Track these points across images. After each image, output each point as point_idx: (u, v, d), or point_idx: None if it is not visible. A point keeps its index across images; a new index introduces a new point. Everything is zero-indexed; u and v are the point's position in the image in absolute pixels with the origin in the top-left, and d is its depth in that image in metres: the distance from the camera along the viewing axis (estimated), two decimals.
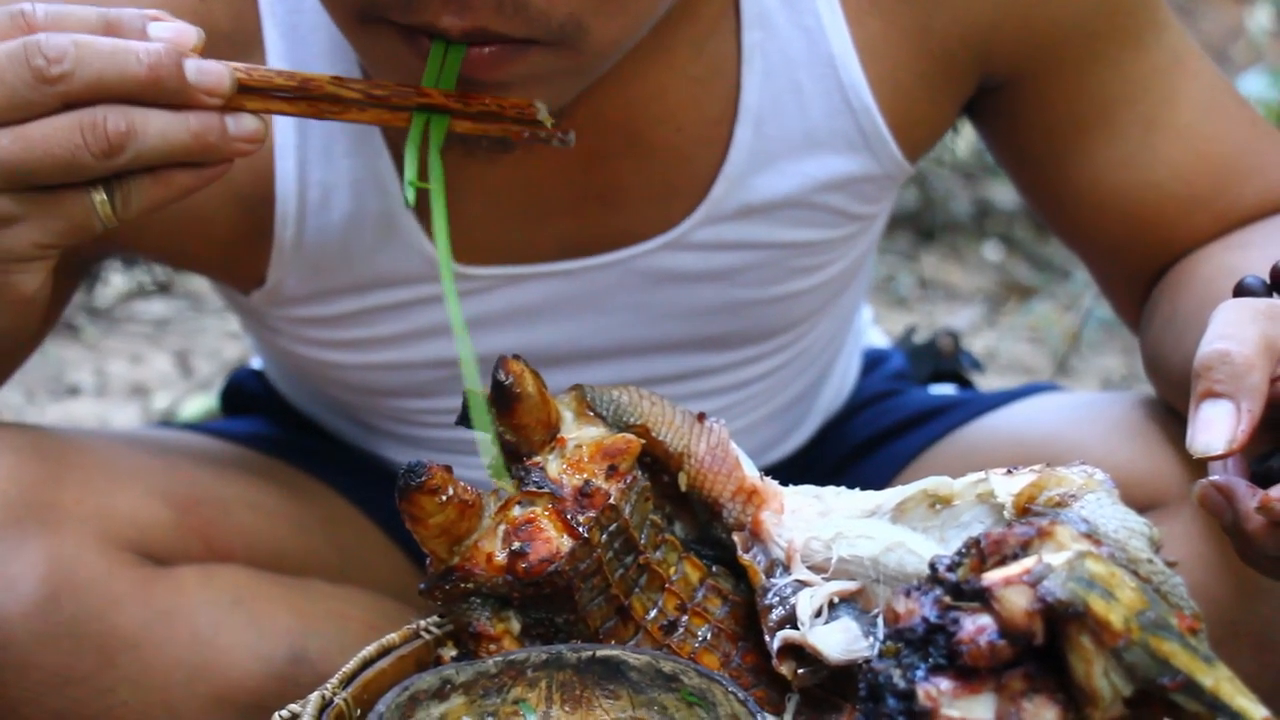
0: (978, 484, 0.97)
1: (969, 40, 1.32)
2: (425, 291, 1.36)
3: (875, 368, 1.73)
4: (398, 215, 1.30)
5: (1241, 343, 0.98)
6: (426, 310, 1.37)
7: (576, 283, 1.37)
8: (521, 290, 1.37)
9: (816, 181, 1.35)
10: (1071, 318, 3.33)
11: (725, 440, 1.05)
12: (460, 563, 0.98)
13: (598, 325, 1.40)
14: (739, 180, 1.33)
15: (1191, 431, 0.98)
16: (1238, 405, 0.97)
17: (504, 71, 1.08)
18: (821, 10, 1.30)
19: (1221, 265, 1.29)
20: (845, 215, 1.39)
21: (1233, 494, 1.00)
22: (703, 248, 1.36)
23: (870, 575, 0.99)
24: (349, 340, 1.40)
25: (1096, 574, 0.79)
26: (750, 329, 1.46)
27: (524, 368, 1.01)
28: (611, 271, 1.36)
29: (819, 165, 1.34)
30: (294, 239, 1.31)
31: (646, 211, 1.35)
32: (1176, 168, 1.36)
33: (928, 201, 3.87)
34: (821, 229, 1.39)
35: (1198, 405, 0.99)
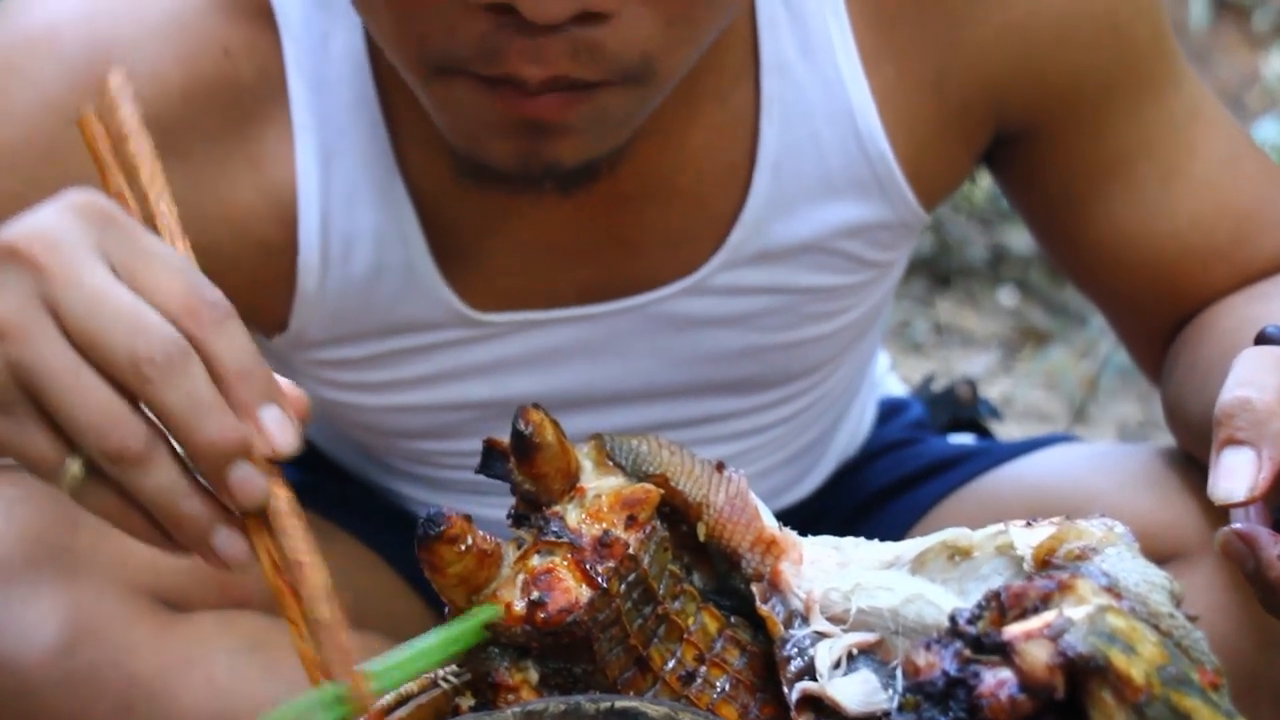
0: (997, 536, 0.97)
1: (985, 90, 1.33)
2: (448, 336, 1.36)
3: (894, 416, 1.73)
4: (419, 266, 1.31)
5: (1263, 390, 0.99)
6: (449, 353, 1.37)
7: (596, 328, 1.37)
8: (541, 335, 1.37)
9: (834, 228, 1.35)
10: (1088, 364, 3.33)
11: (744, 490, 1.05)
12: None
13: (616, 369, 1.40)
14: (757, 226, 1.34)
15: (1213, 479, 0.98)
16: (1259, 452, 0.97)
17: (574, 113, 1.09)
18: (840, 59, 1.31)
19: (1243, 316, 1.29)
20: (862, 262, 1.39)
21: (1255, 542, 1.00)
22: (721, 293, 1.37)
23: (889, 627, 0.99)
24: (370, 383, 1.41)
25: (1118, 628, 0.79)
26: (768, 374, 1.46)
27: (544, 417, 1.01)
28: (631, 316, 1.36)
29: (836, 212, 1.35)
30: (316, 288, 1.31)
31: (666, 257, 1.35)
32: (1195, 219, 1.36)
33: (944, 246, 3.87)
34: (839, 274, 1.39)
35: (1219, 452, 0.99)
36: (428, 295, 1.32)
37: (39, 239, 0.85)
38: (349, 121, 1.27)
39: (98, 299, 0.84)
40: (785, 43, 1.31)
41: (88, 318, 0.84)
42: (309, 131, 1.28)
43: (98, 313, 0.84)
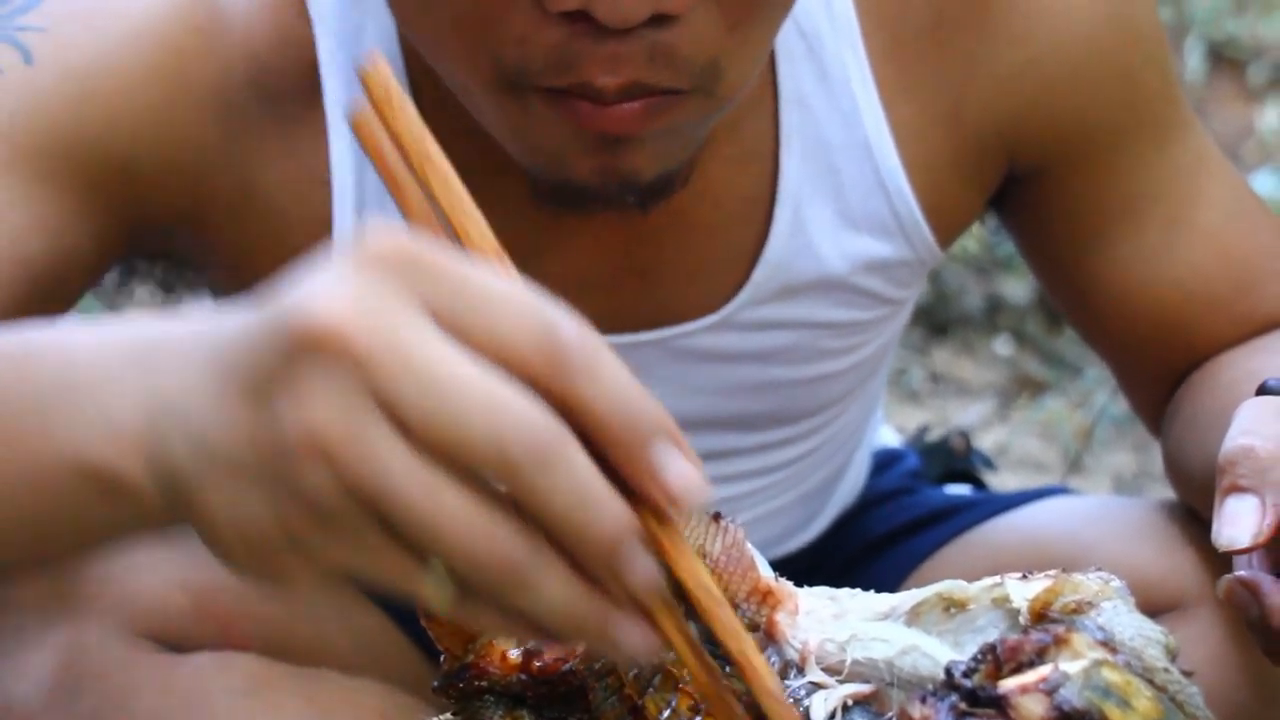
0: (993, 588, 0.97)
1: (999, 128, 1.34)
2: None
3: (890, 466, 1.74)
4: None
5: (1266, 439, 0.99)
6: None
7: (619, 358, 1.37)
8: None
9: (854, 264, 1.36)
10: (1083, 415, 3.33)
11: (741, 540, 1.05)
12: (474, 660, 0.98)
13: None
14: (779, 263, 1.34)
15: (1217, 525, 0.99)
16: (1263, 500, 0.98)
17: (649, 124, 1.09)
18: (858, 93, 1.31)
19: (1245, 369, 1.30)
20: (879, 298, 1.40)
21: (1259, 589, 1.00)
22: (746, 328, 1.37)
23: (885, 678, 0.99)
24: None
25: (1113, 683, 0.79)
26: (781, 410, 1.46)
27: None
28: (650, 350, 1.37)
29: (856, 247, 1.36)
30: None
31: (686, 290, 1.36)
32: (1198, 267, 1.37)
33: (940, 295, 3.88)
34: (857, 310, 1.40)
35: (1222, 500, 0.99)
36: None
37: (347, 316, 0.67)
38: None
39: (440, 385, 0.67)
40: (803, 75, 1.31)
41: (433, 412, 0.66)
42: (344, 127, 1.28)
43: (444, 404, 0.66)
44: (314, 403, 0.67)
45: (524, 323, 0.70)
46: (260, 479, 0.69)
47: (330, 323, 0.67)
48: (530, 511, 0.69)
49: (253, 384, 0.69)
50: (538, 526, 0.69)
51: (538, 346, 0.69)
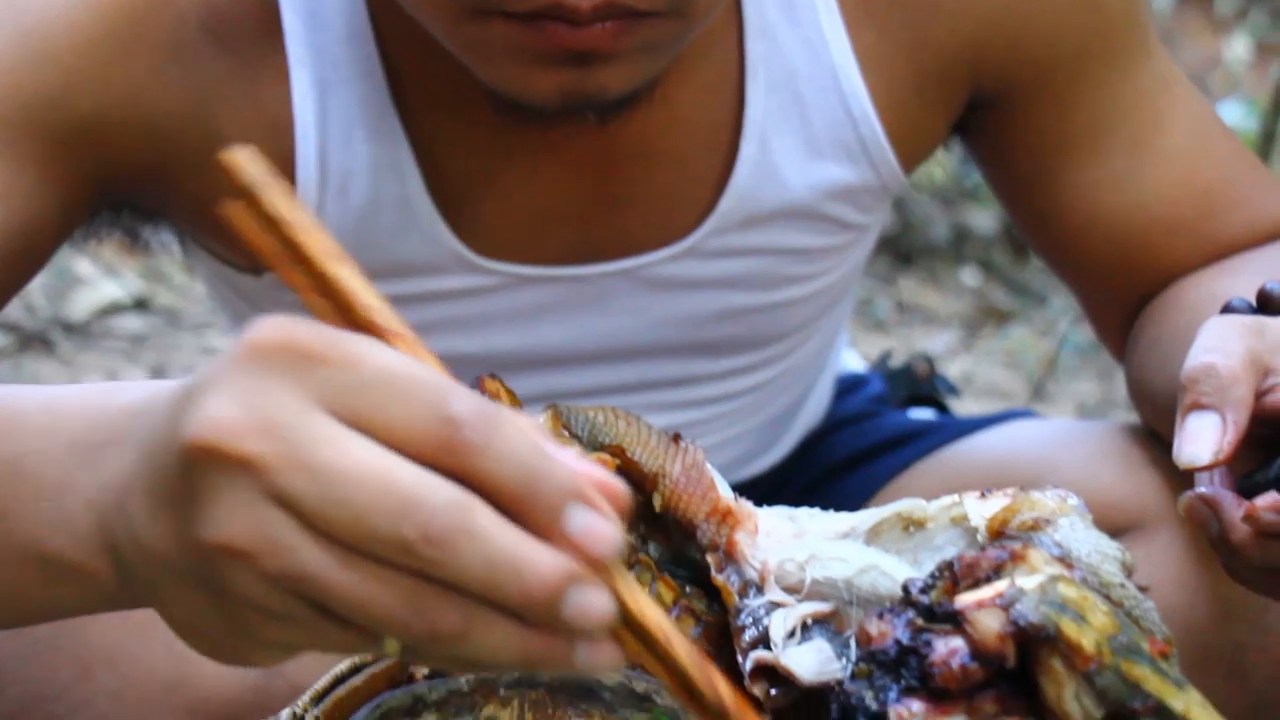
0: (951, 507, 0.97)
1: (962, 55, 1.34)
2: (441, 285, 1.36)
3: (854, 390, 1.74)
4: (415, 201, 1.31)
5: (1227, 356, 0.99)
6: (436, 305, 1.37)
7: (581, 288, 1.38)
8: (528, 292, 1.37)
9: (819, 190, 1.36)
10: (1048, 343, 3.35)
11: (701, 461, 1.05)
12: None
13: (597, 328, 1.41)
14: (745, 192, 1.35)
15: (1178, 443, 0.99)
16: (1224, 417, 0.98)
17: (625, 43, 1.10)
18: (823, 21, 1.32)
19: (1208, 291, 1.30)
20: (844, 224, 1.40)
21: (1219, 506, 1.00)
22: (710, 256, 1.38)
23: (844, 597, 0.99)
24: None
25: (1068, 598, 0.79)
26: (746, 336, 1.46)
27: (500, 385, 1.01)
28: (618, 279, 1.37)
29: (821, 174, 1.36)
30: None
31: (654, 220, 1.36)
32: (1162, 191, 1.37)
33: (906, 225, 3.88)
34: (821, 236, 1.40)
35: (1184, 418, 1.00)
36: (425, 233, 1.32)
37: (237, 424, 0.67)
38: (344, 56, 1.27)
39: (333, 479, 0.67)
40: (768, 5, 1.31)
41: (331, 506, 0.67)
42: (304, 65, 1.27)
43: (339, 496, 0.67)
44: (220, 512, 0.67)
45: (416, 404, 0.68)
46: (197, 580, 0.70)
47: (221, 434, 0.67)
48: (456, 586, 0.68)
49: (169, 496, 0.70)
50: None
51: (430, 428, 0.68)
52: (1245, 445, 0.99)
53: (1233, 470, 1.04)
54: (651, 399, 1.45)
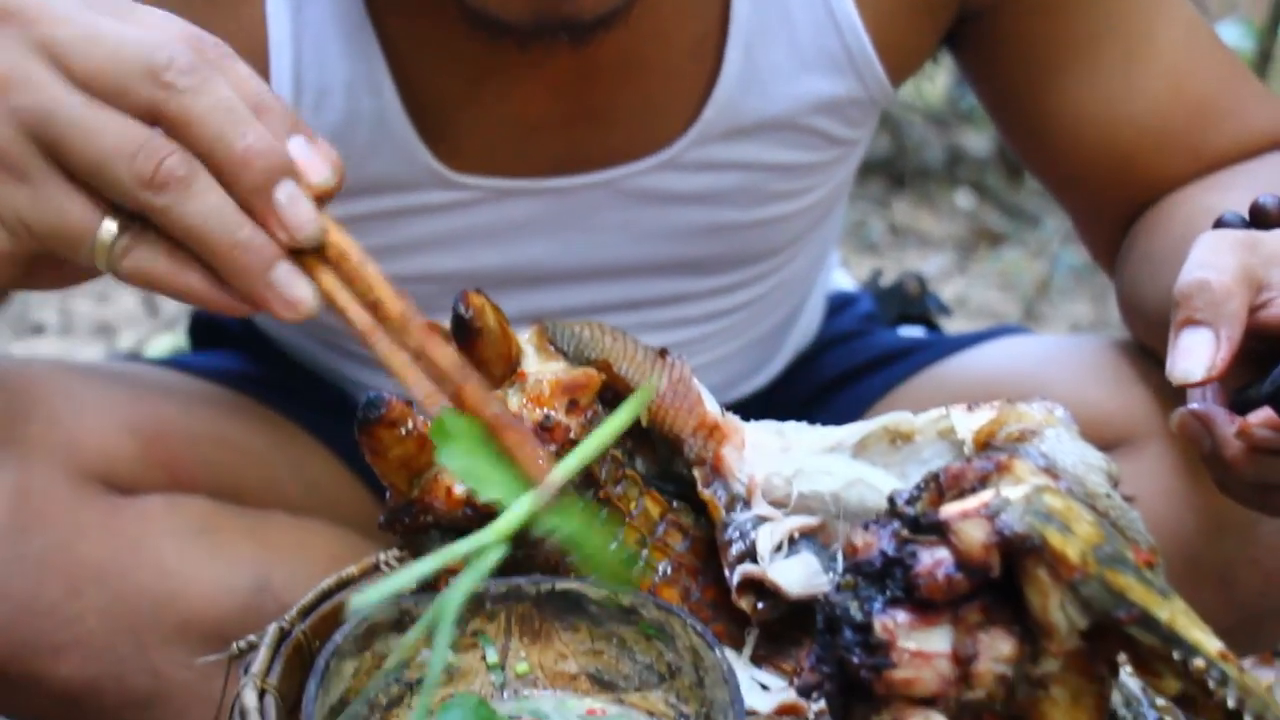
0: (938, 420, 0.97)
1: None
2: (416, 200, 1.35)
3: (845, 309, 1.74)
4: (391, 118, 1.30)
5: (1220, 271, 0.98)
6: (416, 221, 1.36)
7: (564, 200, 1.37)
8: (509, 206, 1.36)
9: (804, 103, 1.35)
10: (1041, 265, 3.34)
11: (687, 376, 1.04)
12: (420, 496, 0.98)
13: (582, 244, 1.40)
14: (729, 103, 1.34)
15: (1171, 359, 0.98)
16: (1217, 333, 0.97)
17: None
18: None
19: (1200, 205, 1.29)
20: (830, 139, 1.40)
21: (1211, 422, 1.00)
22: (691, 168, 1.37)
23: (831, 511, 0.99)
24: None
25: (1054, 508, 0.79)
26: (732, 253, 1.46)
27: (485, 301, 1.00)
28: (600, 191, 1.36)
29: (807, 87, 1.35)
30: None
31: (636, 131, 1.35)
32: (1154, 103, 1.36)
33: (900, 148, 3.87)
34: (807, 151, 1.39)
35: (1177, 333, 0.99)
36: (400, 149, 1.31)
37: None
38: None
39: (98, 30, 0.79)
40: None
41: (92, 47, 0.79)
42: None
43: (101, 41, 0.79)
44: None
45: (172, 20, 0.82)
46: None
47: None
48: (183, 129, 0.78)
49: None
50: None
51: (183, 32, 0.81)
52: (1238, 361, 0.98)
53: (1225, 386, 1.03)
54: (640, 318, 1.45)
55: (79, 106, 0.78)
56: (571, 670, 0.95)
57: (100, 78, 0.78)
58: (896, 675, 0.79)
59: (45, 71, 0.78)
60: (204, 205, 0.79)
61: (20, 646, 1.23)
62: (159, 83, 0.78)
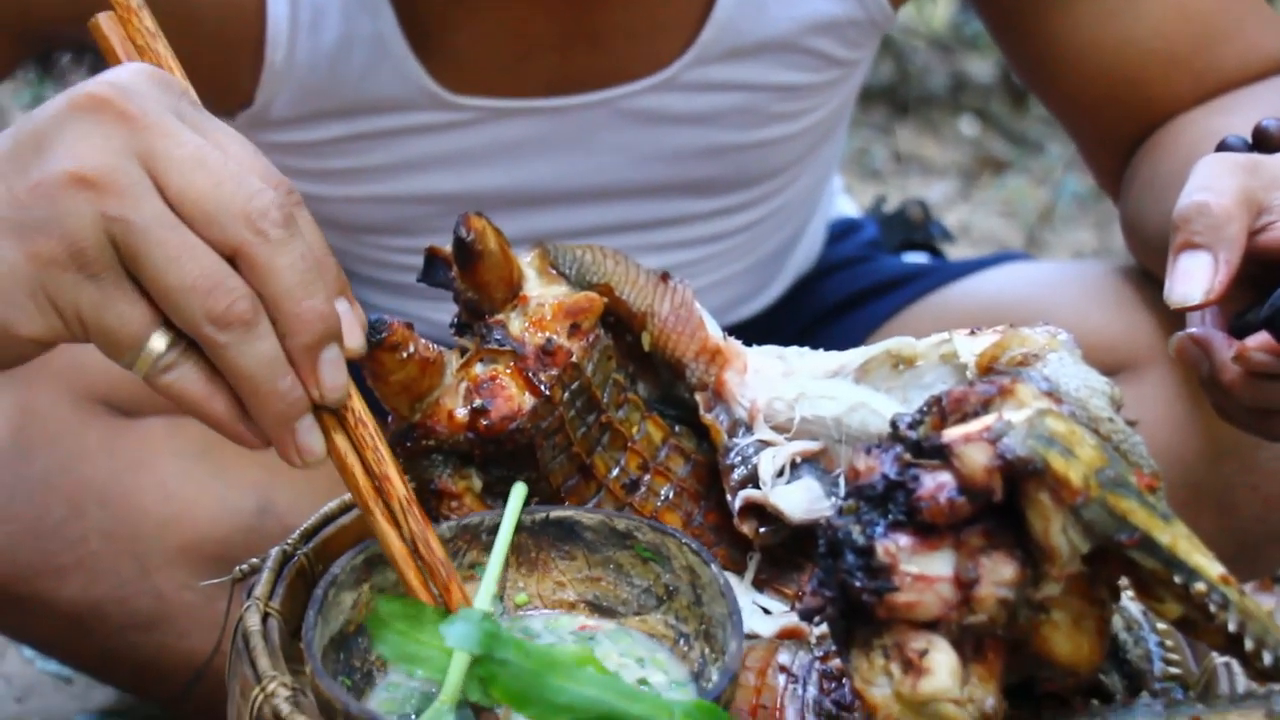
0: (941, 344, 0.97)
1: None
2: (414, 120, 1.35)
3: (848, 235, 1.73)
4: (388, 38, 1.29)
5: (1220, 194, 0.98)
6: (415, 140, 1.36)
7: (562, 121, 1.36)
8: (507, 126, 1.36)
9: (803, 24, 1.35)
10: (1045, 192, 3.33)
11: (689, 300, 1.04)
12: (422, 420, 0.97)
13: (581, 166, 1.40)
14: (728, 23, 1.33)
15: (1170, 283, 0.98)
16: (1216, 256, 0.97)
17: None
18: None
19: (1204, 129, 1.29)
20: (830, 60, 1.39)
21: (1210, 346, 1.00)
22: (690, 89, 1.36)
23: (833, 435, 0.99)
24: (335, 170, 1.39)
25: (1056, 431, 0.79)
26: (732, 175, 1.45)
27: (485, 224, 1.00)
28: (598, 111, 1.36)
29: (806, 8, 1.34)
30: (284, 58, 1.30)
31: (634, 51, 1.34)
32: (1157, 24, 1.35)
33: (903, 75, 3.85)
34: (806, 73, 1.39)
35: (1176, 257, 0.98)
36: (397, 69, 1.31)
37: (128, 93, 0.79)
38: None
39: (204, 156, 0.79)
40: None
41: (196, 171, 0.78)
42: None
43: (207, 168, 0.79)
44: (85, 147, 0.77)
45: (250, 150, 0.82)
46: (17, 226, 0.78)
47: (111, 93, 0.78)
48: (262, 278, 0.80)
49: (30, 138, 0.79)
50: None
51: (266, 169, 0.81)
52: (1237, 284, 0.98)
53: (1224, 310, 1.03)
54: (640, 239, 1.44)
55: (169, 228, 0.78)
56: (570, 598, 0.96)
57: (198, 205, 0.78)
58: (898, 599, 0.78)
59: (144, 182, 0.78)
60: (259, 350, 0.81)
61: (24, 568, 1.24)
62: (254, 229, 0.79)
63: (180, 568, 1.28)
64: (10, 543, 1.23)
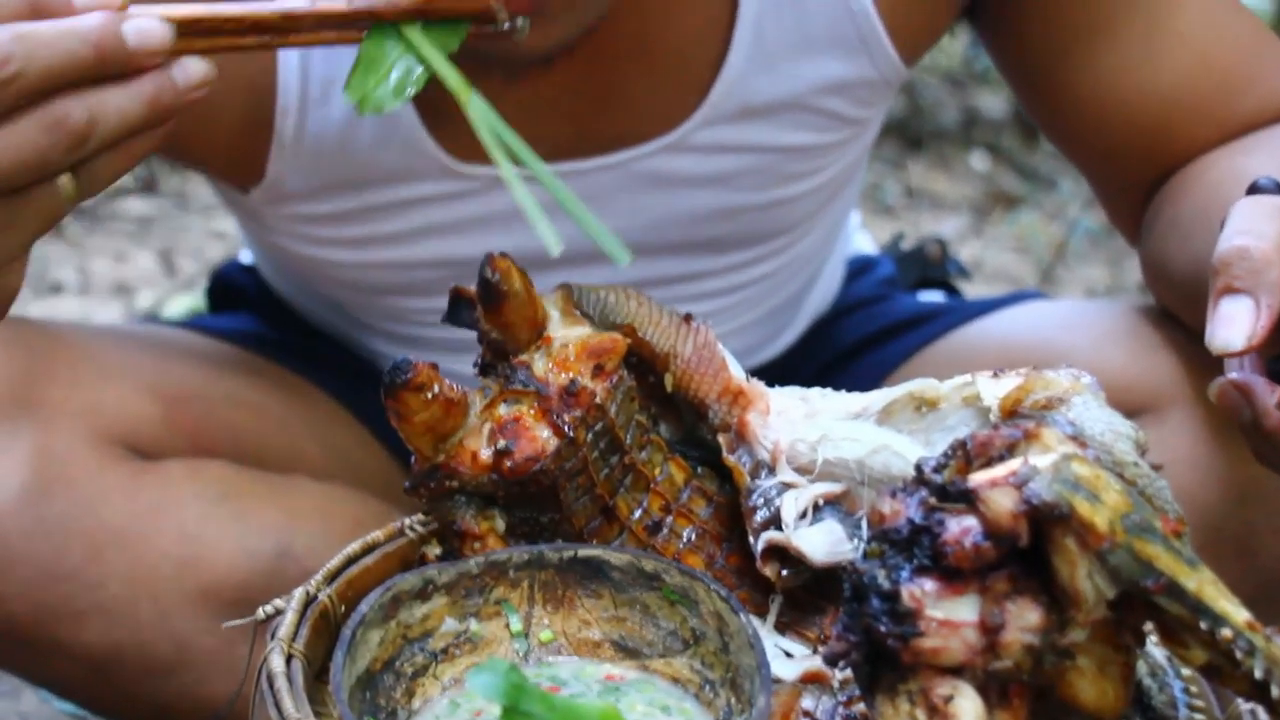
0: (964, 387, 0.97)
1: None
2: (425, 190, 1.35)
3: (864, 273, 1.73)
4: (399, 112, 1.29)
5: (1260, 238, 0.97)
6: (427, 209, 1.36)
7: (576, 185, 1.36)
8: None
9: (814, 85, 1.34)
10: (1058, 228, 3.33)
11: (712, 341, 1.04)
12: (445, 461, 0.98)
13: None
14: (738, 82, 1.33)
15: (1211, 328, 0.97)
16: (1257, 301, 0.96)
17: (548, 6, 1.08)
18: None
19: (1229, 169, 1.28)
20: (841, 119, 1.39)
21: (1251, 391, 0.99)
22: (702, 150, 1.36)
23: (855, 477, 0.99)
24: (348, 238, 1.39)
25: (1082, 476, 0.79)
26: (746, 232, 1.45)
27: (511, 265, 1.00)
28: (611, 174, 1.36)
29: (817, 68, 1.34)
30: (295, 132, 1.30)
31: (646, 113, 1.34)
32: (1178, 74, 1.35)
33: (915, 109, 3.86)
34: (818, 133, 1.38)
35: (1217, 301, 0.97)
36: (407, 142, 1.31)
37: None
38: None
39: None
40: None
41: None
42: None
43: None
44: None
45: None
46: None
47: None
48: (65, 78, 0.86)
49: None
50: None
51: None
52: (1277, 329, 0.97)
53: (1263, 354, 1.02)
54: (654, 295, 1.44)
55: None
56: (595, 637, 0.95)
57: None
58: (924, 644, 0.78)
59: None
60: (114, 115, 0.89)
61: (43, 611, 1.24)
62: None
63: (199, 611, 1.28)
64: (29, 586, 1.23)
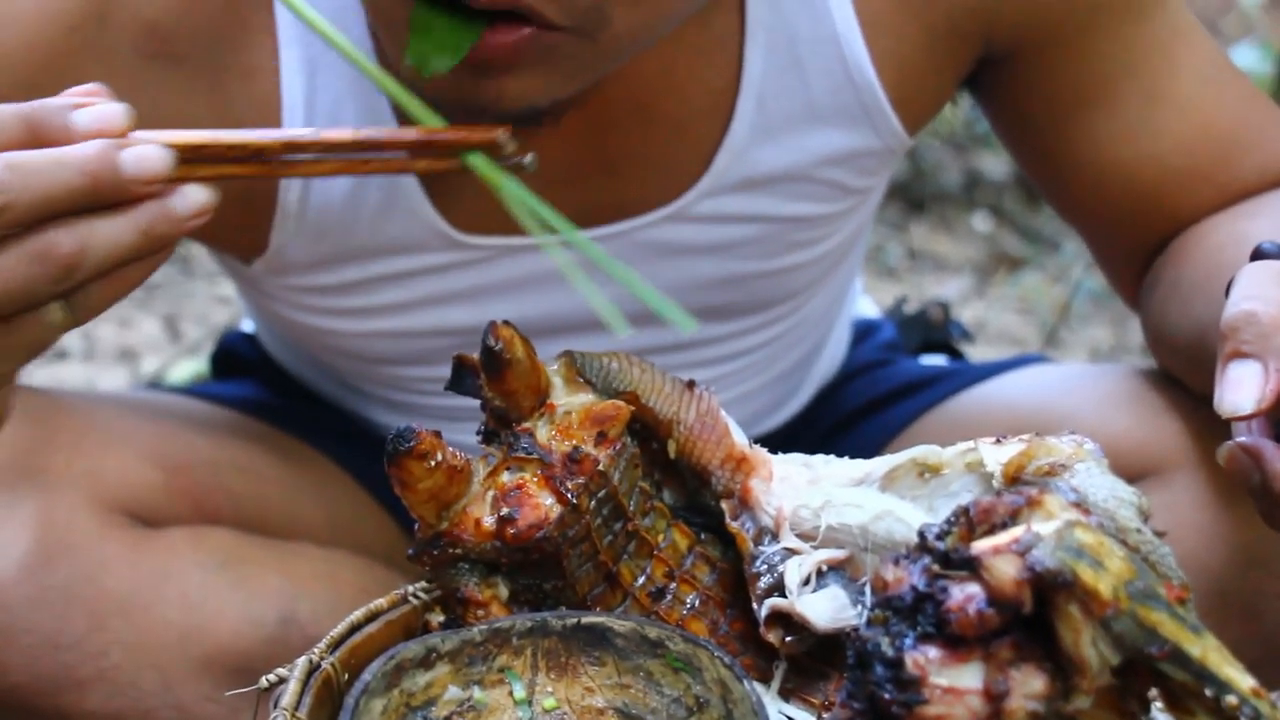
0: (967, 453, 0.97)
1: (973, 12, 1.32)
2: (428, 261, 1.35)
3: (867, 337, 1.73)
4: (399, 181, 1.30)
5: (1268, 303, 0.98)
6: (429, 279, 1.37)
7: (579, 254, 1.37)
8: (521, 262, 1.36)
9: (817, 156, 1.35)
10: (1060, 289, 3.34)
11: (715, 408, 1.05)
12: (449, 528, 0.98)
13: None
14: (741, 153, 1.33)
15: (1219, 392, 0.97)
16: (1266, 365, 0.96)
17: (521, 53, 1.06)
18: None
19: (1230, 234, 1.29)
20: (845, 189, 1.39)
21: (1261, 455, 0.99)
22: (704, 220, 1.36)
23: (859, 544, 0.99)
24: (350, 309, 1.40)
25: (1085, 543, 0.79)
26: (749, 300, 1.45)
27: (514, 333, 1.01)
28: (613, 244, 1.36)
29: (820, 140, 1.34)
30: (298, 205, 1.30)
31: (648, 183, 1.34)
32: (1178, 140, 1.35)
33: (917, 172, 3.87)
34: (821, 203, 1.39)
35: (1225, 366, 0.98)
36: (410, 213, 1.32)
37: None
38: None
39: None
40: None
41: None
42: (294, 43, 1.26)
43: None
44: None
45: None
46: None
47: None
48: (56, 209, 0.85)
49: None
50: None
51: None
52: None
53: (1271, 418, 1.02)
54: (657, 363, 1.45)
55: None
56: (599, 705, 0.95)
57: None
58: (928, 712, 0.78)
59: None
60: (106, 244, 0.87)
61: (45, 681, 1.24)
62: None
63: (202, 680, 1.28)
64: (31, 655, 1.23)
